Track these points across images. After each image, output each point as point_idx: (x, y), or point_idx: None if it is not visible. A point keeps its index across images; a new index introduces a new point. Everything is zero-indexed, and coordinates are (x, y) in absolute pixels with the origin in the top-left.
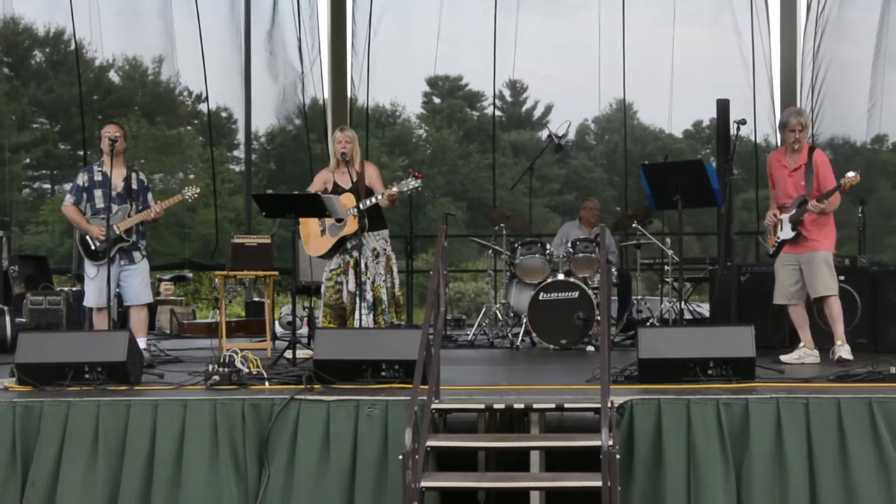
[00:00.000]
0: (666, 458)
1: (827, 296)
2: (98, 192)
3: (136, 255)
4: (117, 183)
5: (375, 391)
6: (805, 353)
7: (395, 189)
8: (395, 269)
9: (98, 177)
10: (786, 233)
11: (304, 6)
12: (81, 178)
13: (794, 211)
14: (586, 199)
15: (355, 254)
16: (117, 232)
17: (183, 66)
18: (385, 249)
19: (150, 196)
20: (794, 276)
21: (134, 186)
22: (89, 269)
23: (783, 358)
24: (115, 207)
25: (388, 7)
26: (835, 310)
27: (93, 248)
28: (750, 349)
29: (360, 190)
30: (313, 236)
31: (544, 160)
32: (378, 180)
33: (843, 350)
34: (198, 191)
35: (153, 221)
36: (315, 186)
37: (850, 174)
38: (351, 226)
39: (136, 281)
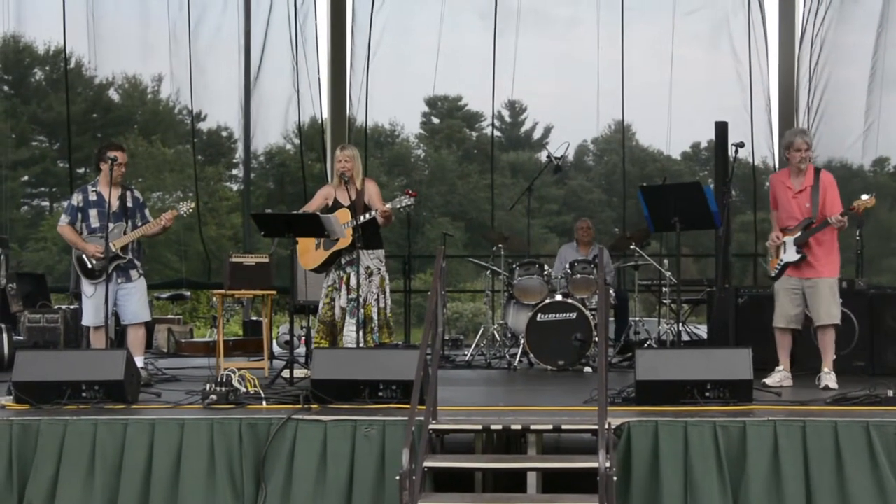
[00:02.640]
0: (663, 481)
1: (830, 324)
2: (93, 212)
3: (133, 273)
4: (112, 202)
5: (373, 411)
6: (784, 377)
7: (388, 205)
8: (387, 289)
9: (93, 196)
10: (790, 255)
11: (302, 24)
12: (76, 198)
13: (799, 233)
14: (578, 219)
15: (350, 270)
16: (113, 250)
17: (182, 85)
18: (379, 269)
19: (147, 212)
20: (797, 300)
21: (129, 204)
22: (86, 287)
23: (766, 381)
24: (110, 226)
25: (387, 27)
26: (830, 339)
27: (89, 266)
28: (747, 372)
29: (358, 207)
30: (308, 250)
31: (543, 181)
32: (377, 198)
33: (830, 379)
34: (192, 206)
35: (163, 231)
36: (316, 201)
37: (865, 196)
38: (344, 240)
39: (134, 299)
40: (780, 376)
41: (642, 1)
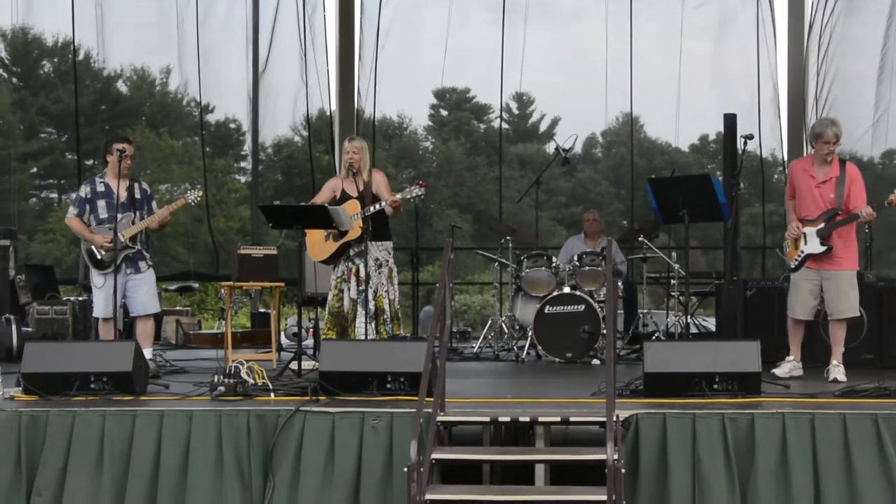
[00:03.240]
0: (671, 473)
1: (848, 318)
2: (101, 203)
3: (142, 264)
4: (120, 193)
5: (381, 403)
6: (794, 367)
7: (398, 196)
8: (396, 280)
9: (101, 188)
10: (813, 247)
11: (311, 16)
12: (84, 190)
13: (822, 224)
14: (586, 211)
15: (359, 261)
16: (122, 240)
17: (191, 77)
18: (388, 260)
19: (154, 205)
20: (816, 291)
21: (137, 196)
22: (96, 278)
23: (775, 371)
24: (118, 216)
25: (396, 19)
26: (842, 332)
27: (98, 257)
28: (756, 364)
29: (367, 199)
30: (317, 242)
31: (551, 173)
32: (385, 188)
33: (838, 371)
34: (200, 194)
35: (160, 228)
36: (324, 193)
37: None
38: (353, 231)
39: (143, 290)
40: (789, 366)
41: None
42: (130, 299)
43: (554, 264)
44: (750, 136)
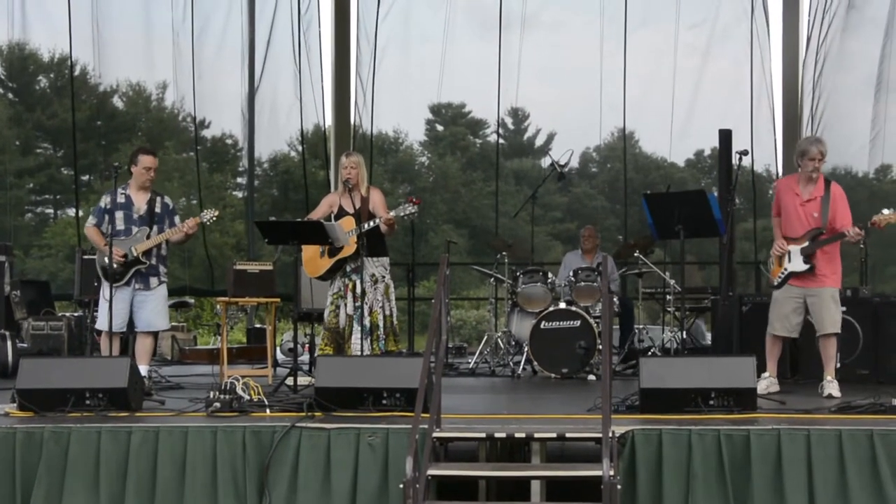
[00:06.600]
0: (667, 489)
1: (833, 333)
2: (119, 214)
3: (153, 280)
4: (140, 206)
5: (376, 419)
6: (772, 383)
7: (391, 214)
8: (392, 296)
9: (121, 199)
10: (797, 265)
11: (306, 32)
12: (105, 200)
13: (807, 243)
14: (582, 227)
15: (355, 277)
16: (134, 254)
17: (187, 93)
18: (384, 276)
19: (176, 219)
20: (800, 308)
21: (157, 210)
22: (106, 292)
23: None
24: (134, 229)
25: (392, 35)
26: (832, 348)
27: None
28: (751, 380)
29: (363, 214)
30: (313, 258)
31: (546, 188)
32: (382, 206)
33: (833, 387)
34: (216, 213)
35: (186, 239)
36: (321, 209)
37: (886, 211)
38: (349, 248)
39: (149, 307)
40: (766, 383)
41: (645, 10)
42: (135, 314)
43: (550, 280)
44: (745, 152)
